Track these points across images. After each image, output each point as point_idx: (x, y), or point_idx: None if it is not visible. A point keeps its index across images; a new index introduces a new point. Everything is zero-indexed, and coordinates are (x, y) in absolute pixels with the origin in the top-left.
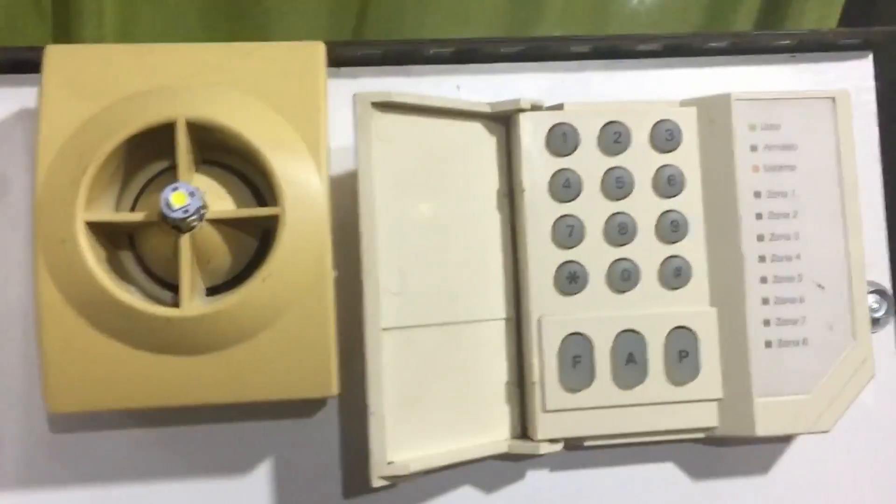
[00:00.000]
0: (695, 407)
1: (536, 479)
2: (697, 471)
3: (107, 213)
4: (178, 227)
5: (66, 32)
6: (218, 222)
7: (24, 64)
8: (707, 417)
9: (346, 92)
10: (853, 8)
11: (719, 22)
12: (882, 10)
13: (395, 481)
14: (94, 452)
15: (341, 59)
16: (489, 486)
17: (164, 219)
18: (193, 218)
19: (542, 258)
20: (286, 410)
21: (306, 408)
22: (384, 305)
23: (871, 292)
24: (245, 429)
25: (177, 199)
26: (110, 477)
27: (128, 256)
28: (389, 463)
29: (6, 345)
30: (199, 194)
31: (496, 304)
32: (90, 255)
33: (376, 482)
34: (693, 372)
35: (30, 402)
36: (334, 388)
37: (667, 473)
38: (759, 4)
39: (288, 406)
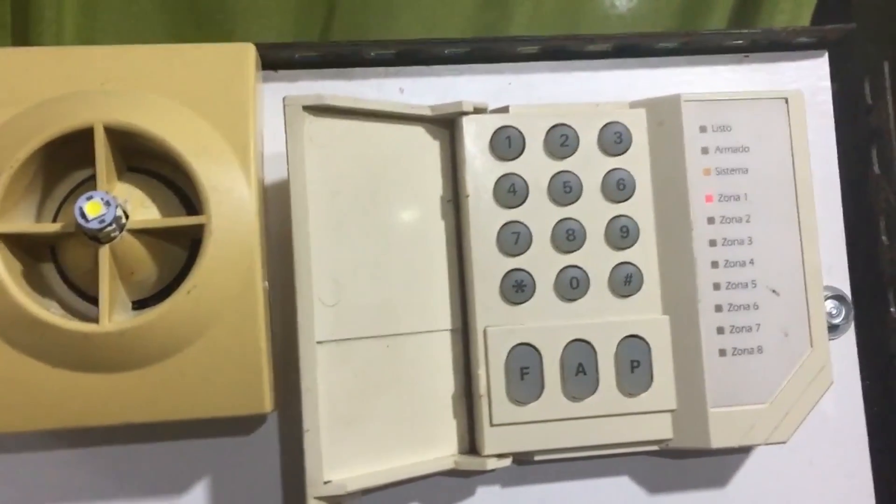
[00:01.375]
0: (648, 419)
1: (487, 495)
2: (654, 484)
3: (21, 223)
4: (97, 237)
5: (24, 41)
6: (140, 232)
7: None
8: (661, 429)
9: (282, 96)
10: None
11: (692, 26)
12: (856, 11)
13: (332, 502)
14: (21, 475)
15: (278, 61)
16: (438, 503)
17: (81, 230)
18: (111, 228)
19: (488, 266)
20: (223, 428)
21: (244, 425)
22: (318, 317)
23: (830, 297)
24: (181, 448)
25: (91, 208)
26: (40, 499)
27: (50, 269)
28: (326, 482)
29: None
30: (115, 203)
31: (441, 314)
32: (4, 269)
33: (312, 503)
34: (645, 382)
35: None
36: (267, 404)
37: (622, 487)
38: (732, 8)
39: (225, 424)
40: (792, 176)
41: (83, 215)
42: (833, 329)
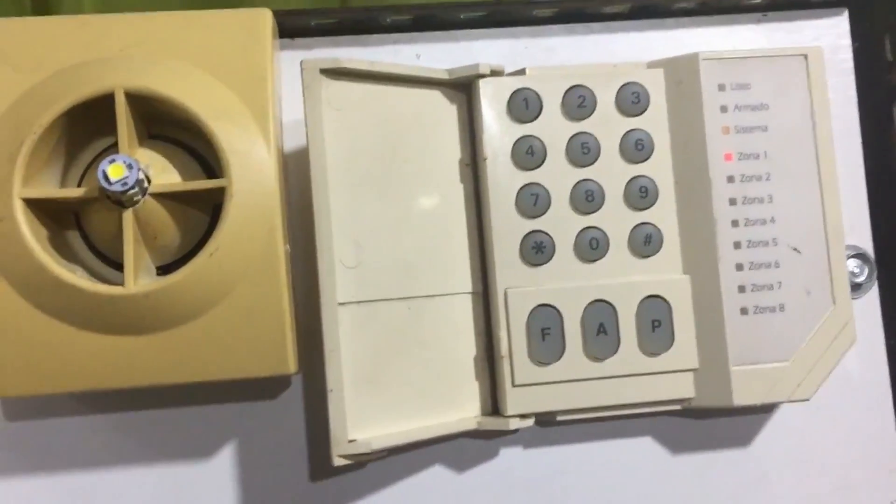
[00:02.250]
0: (670, 378)
1: (510, 456)
2: (676, 444)
3: (46, 189)
4: (120, 201)
5: (44, 10)
6: (163, 196)
7: None
8: (683, 388)
9: (299, 63)
10: None
11: None
12: None
13: (357, 460)
14: (50, 440)
15: (294, 29)
16: (461, 464)
17: (105, 194)
18: (134, 191)
19: (507, 228)
20: (249, 392)
21: (269, 389)
22: (340, 279)
23: (853, 256)
24: (207, 412)
25: (114, 171)
26: (68, 464)
27: (74, 236)
28: (350, 441)
29: None
30: (137, 166)
31: (461, 277)
32: (29, 233)
33: (337, 461)
34: (667, 342)
35: None
36: (291, 365)
37: (644, 447)
38: None
39: (251, 387)
40: (812, 133)
41: (106, 178)
42: (856, 288)
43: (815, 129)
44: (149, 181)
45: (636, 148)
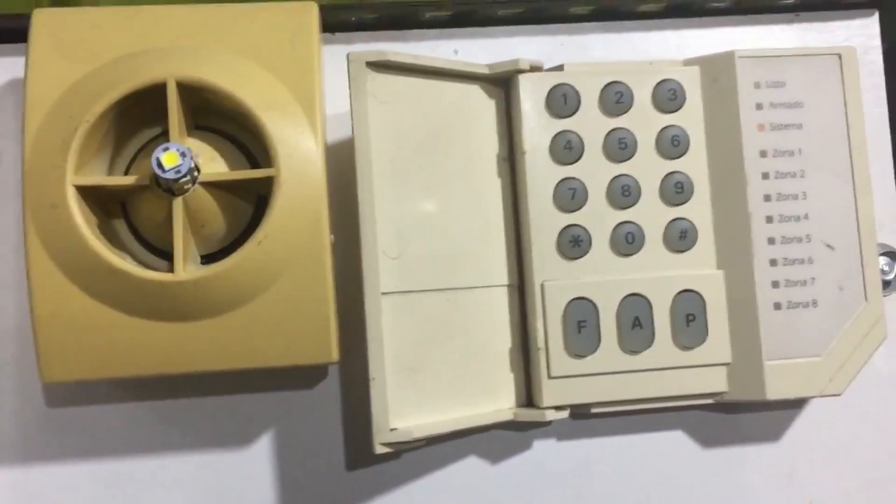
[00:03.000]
0: (703, 372)
1: (543, 448)
2: (708, 438)
3: (97, 176)
4: (171, 189)
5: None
6: (211, 186)
7: (13, 33)
8: (716, 382)
9: (340, 58)
10: None
11: None
12: None
13: (397, 448)
14: (91, 426)
15: (335, 23)
16: (495, 456)
17: (156, 181)
18: (186, 179)
19: (544, 222)
20: (287, 382)
21: (307, 379)
22: (383, 269)
23: (883, 254)
24: (245, 401)
25: (168, 159)
26: (109, 451)
27: (121, 225)
28: (392, 430)
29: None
30: (190, 155)
31: (498, 270)
32: (81, 220)
33: (378, 449)
34: (701, 336)
35: (24, 376)
36: (334, 353)
37: (676, 441)
38: None
39: (289, 377)
40: (846, 131)
41: (160, 166)
42: (886, 285)
43: (849, 127)
44: (198, 170)
45: (672, 144)
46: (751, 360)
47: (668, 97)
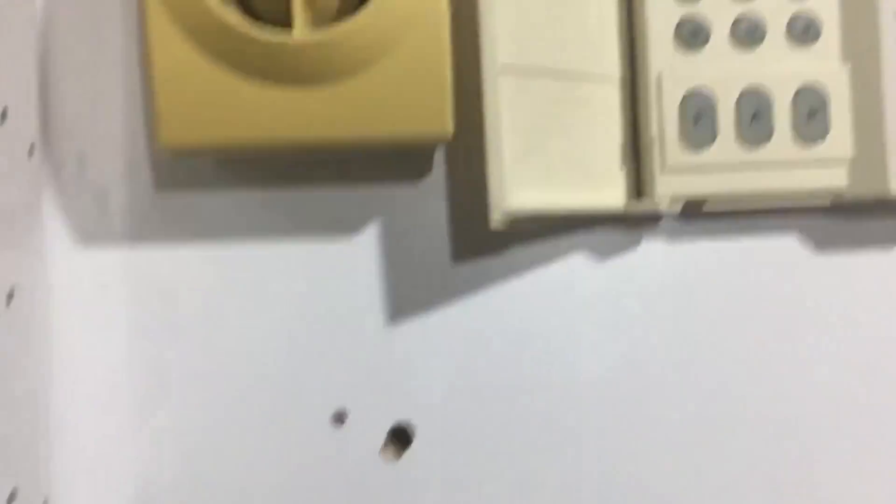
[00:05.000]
0: (823, 167)
1: (652, 247)
2: (823, 242)
3: None
4: None
5: None
6: None
7: None
8: (836, 178)
9: None
10: None
11: None
12: None
13: (512, 227)
14: (199, 212)
15: None
16: (603, 253)
17: None
18: None
19: (662, 12)
20: (393, 172)
21: (413, 170)
22: (501, 40)
23: None
24: (351, 192)
25: None
26: (215, 236)
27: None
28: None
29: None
30: None
31: (611, 61)
32: None
33: (495, 223)
34: (822, 130)
35: (134, 156)
36: (449, 126)
37: (790, 245)
38: None
39: (394, 168)
40: None
41: None
42: None
43: None
44: None
45: None
46: (875, 154)
47: None
